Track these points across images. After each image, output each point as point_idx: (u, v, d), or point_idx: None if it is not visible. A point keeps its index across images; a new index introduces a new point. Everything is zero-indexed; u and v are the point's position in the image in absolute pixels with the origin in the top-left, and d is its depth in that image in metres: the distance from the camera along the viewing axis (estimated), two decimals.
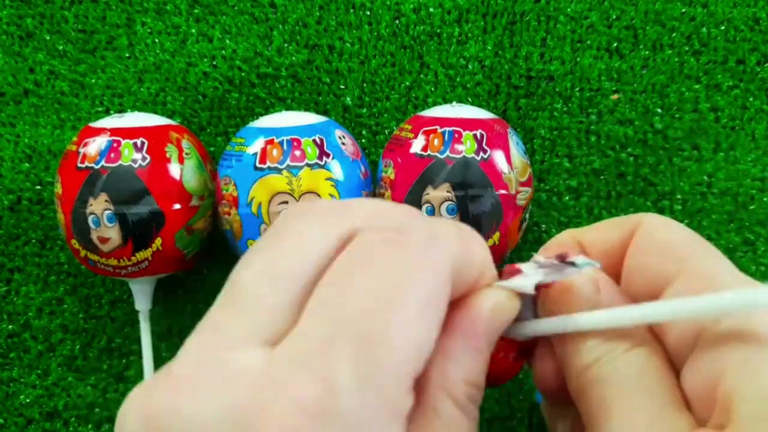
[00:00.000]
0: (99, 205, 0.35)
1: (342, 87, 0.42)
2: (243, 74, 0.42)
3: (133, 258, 0.36)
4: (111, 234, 0.35)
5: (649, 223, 0.20)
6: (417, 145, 0.35)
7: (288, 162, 0.35)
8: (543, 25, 0.41)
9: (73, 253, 0.37)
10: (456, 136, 0.35)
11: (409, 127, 0.37)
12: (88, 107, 0.43)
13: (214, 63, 0.43)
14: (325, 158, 0.35)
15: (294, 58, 0.42)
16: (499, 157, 0.35)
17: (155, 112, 0.41)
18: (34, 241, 0.43)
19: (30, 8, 0.43)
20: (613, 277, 0.21)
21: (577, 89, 0.41)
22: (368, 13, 0.42)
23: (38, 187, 0.43)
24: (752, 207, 0.40)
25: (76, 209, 0.35)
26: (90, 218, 0.35)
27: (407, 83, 0.42)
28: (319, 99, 0.42)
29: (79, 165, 0.35)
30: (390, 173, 0.36)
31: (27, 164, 0.43)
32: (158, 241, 0.36)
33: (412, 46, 0.42)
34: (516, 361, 0.21)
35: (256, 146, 0.35)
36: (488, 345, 0.18)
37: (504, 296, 0.18)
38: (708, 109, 0.40)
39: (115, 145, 0.35)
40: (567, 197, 0.41)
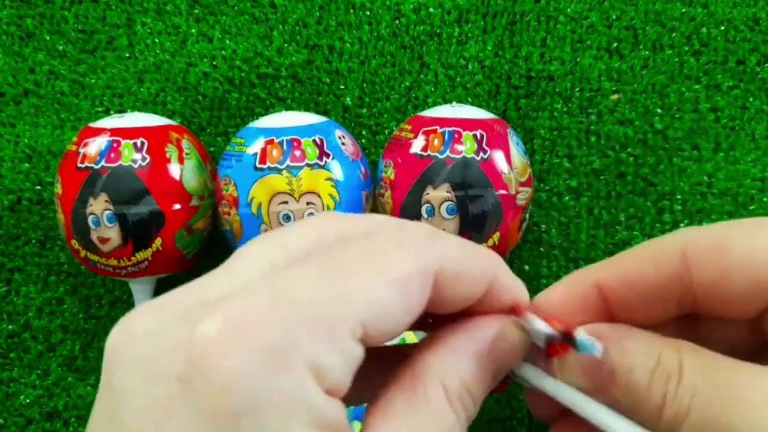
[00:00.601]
0: (99, 205, 0.35)
1: (342, 87, 0.42)
2: (243, 74, 0.42)
3: (133, 258, 0.36)
4: (111, 234, 0.35)
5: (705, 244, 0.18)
6: (417, 145, 0.35)
7: (288, 162, 0.35)
8: (543, 25, 0.41)
9: (73, 253, 0.37)
10: (456, 136, 0.35)
11: (409, 128, 0.37)
12: (88, 107, 0.43)
13: (214, 63, 0.43)
14: (325, 158, 0.35)
15: (294, 58, 0.42)
16: (499, 157, 0.35)
17: (155, 112, 0.41)
18: (34, 241, 0.43)
19: (30, 8, 0.43)
20: (645, 311, 0.19)
21: (577, 89, 0.41)
22: (368, 13, 0.42)
23: (38, 187, 0.43)
24: (752, 207, 0.40)
25: (76, 209, 0.35)
26: (90, 218, 0.35)
27: (407, 83, 0.42)
28: (319, 99, 0.42)
29: (79, 165, 0.35)
30: (390, 173, 0.36)
31: (27, 164, 0.43)
32: (158, 241, 0.36)
33: (412, 46, 0.42)
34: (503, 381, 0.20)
35: (256, 146, 0.35)
36: (491, 358, 0.18)
37: (512, 326, 0.18)
38: (708, 109, 0.40)
39: (115, 145, 0.35)
40: (567, 197, 0.41)
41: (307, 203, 0.35)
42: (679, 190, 0.40)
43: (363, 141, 0.42)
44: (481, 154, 0.35)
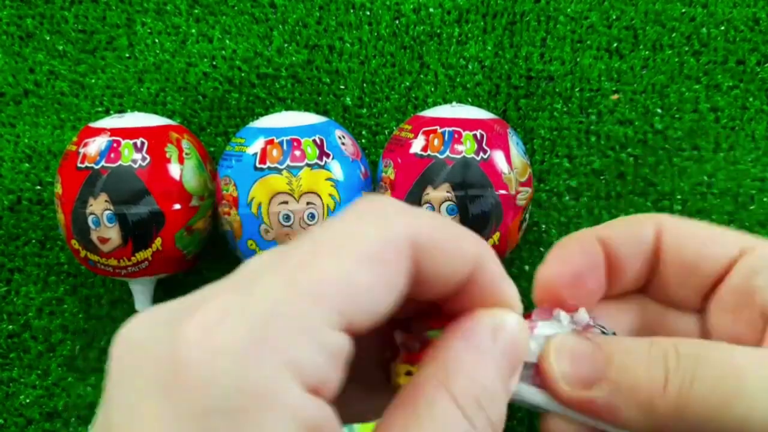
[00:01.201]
0: (99, 206, 0.35)
1: (342, 87, 0.42)
2: (243, 74, 0.42)
3: (133, 258, 0.36)
4: (111, 234, 0.35)
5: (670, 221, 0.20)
6: (417, 146, 0.35)
7: (288, 162, 0.35)
8: (543, 25, 0.41)
9: (73, 253, 0.37)
10: (456, 136, 0.35)
11: (409, 128, 0.37)
12: (88, 107, 0.43)
13: (214, 63, 0.43)
14: (325, 158, 0.35)
15: (294, 58, 0.42)
16: (499, 157, 0.35)
17: (155, 113, 0.41)
18: (34, 241, 0.43)
19: (30, 8, 0.43)
20: (640, 276, 0.21)
21: (577, 89, 0.41)
22: (368, 13, 0.42)
23: (38, 187, 0.43)
24: (752, 207, 0.40)
25: (76, 209, 0.35)
26: (90, 218, 0.35)
27: (407, 83, 0.42)
28: (319, 99, 0.42)
29: (79, 165, 0.35)
30: (390, 173, 0.36)
31: (27, 164, 0.43)
32: (158, 241, 0.36)
33: (412, 47, 0.42)
34: None
35: (256, 146, 0.35)
36: (498, 349, 0.17)
37: (511, 315, 0.18)
38: (708, 109, 0.40)
39: (115, 145, 0.35)
40: (567, 197, 0.41)
41: (307, 203, 0.35)
42: (679, 190, 0.40)
43: (363, 141, 0.42)
44: (481, 154, 0.35)
